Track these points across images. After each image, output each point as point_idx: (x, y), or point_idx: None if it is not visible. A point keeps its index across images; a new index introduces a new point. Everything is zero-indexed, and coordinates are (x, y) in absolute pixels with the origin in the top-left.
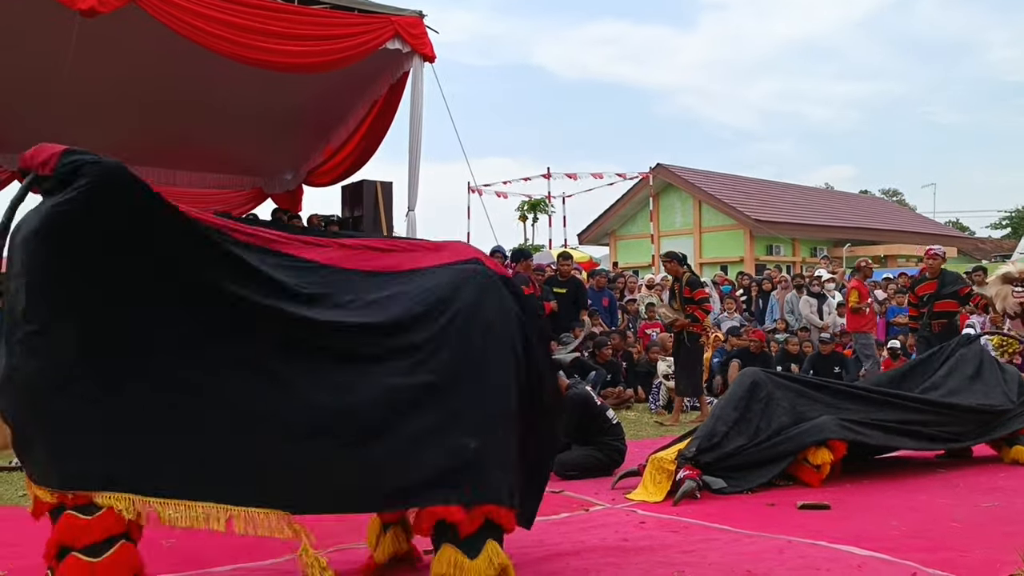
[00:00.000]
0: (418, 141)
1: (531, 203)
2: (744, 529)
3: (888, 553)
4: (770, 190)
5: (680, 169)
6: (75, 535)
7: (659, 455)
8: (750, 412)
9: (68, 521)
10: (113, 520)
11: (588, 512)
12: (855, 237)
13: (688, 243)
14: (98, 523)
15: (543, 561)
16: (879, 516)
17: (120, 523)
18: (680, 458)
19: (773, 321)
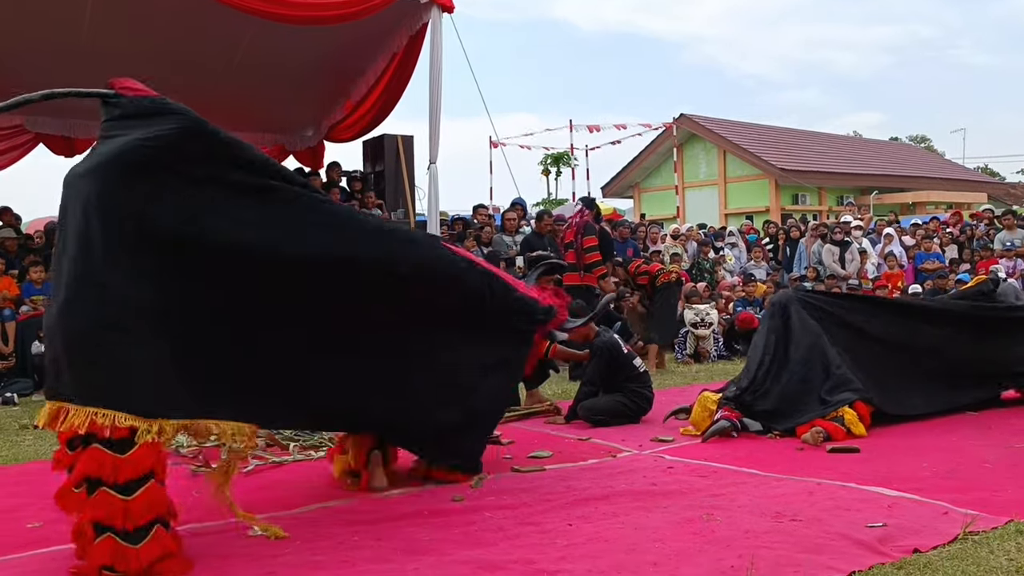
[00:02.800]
0: (438, 92)
1: (554, 156)
2: (773, 472)
3: (918, 493)
4: (796, 139)
5: (704, 119)
6: (107, 470)
7: (706, 394)
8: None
9: (98, 456)
10: (144, 458)
11: (616, 458)
12: (882, 184)
13: (713, 193)
14: (130, 461)
15: (572, 506)
16: (909, 458)
17: (149, 461)
18: (722, 399)
19: (803, 269)
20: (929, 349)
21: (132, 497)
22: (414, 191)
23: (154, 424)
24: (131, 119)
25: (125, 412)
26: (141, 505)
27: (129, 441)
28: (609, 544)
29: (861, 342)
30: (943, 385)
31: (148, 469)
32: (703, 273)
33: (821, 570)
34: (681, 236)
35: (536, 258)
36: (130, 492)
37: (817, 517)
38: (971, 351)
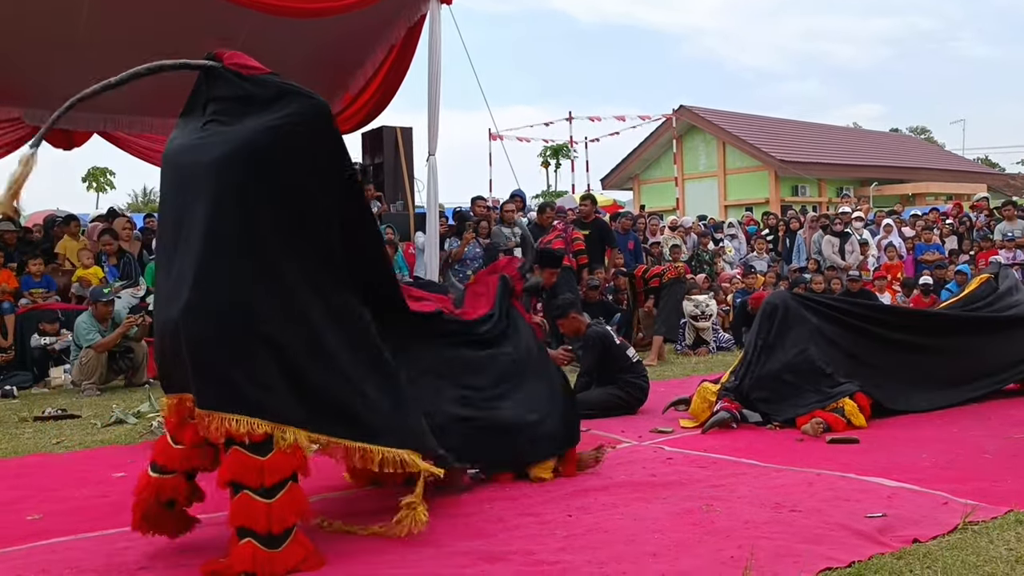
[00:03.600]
0: (437, 84)
1: (553, 148)
2: (773, 463)
3: (918, 484)
4: (795, 130)
5: (703, 110)
6: (249, 474)
7: (706, 384)
8: (771, 337)
9: (240, 459)
10: (284, 461)
11: (615, 449)
12: (882, 176)
13: (712, 185)
14: (271, 463)
15: (571, 497)
16: (908, 448)
17: (290, 464)
18: (721, 390)
19: (803, 260)
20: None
21: (274, 500)
22: (413, 183)
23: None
24: (253, 100)
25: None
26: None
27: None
28: (608, 535)
29: (858, 342)
30: (944, 385)
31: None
32: (703, 265)
33: (821, 560)
34: (680, 228)
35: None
36: (272, 496)
37: (817, 508)
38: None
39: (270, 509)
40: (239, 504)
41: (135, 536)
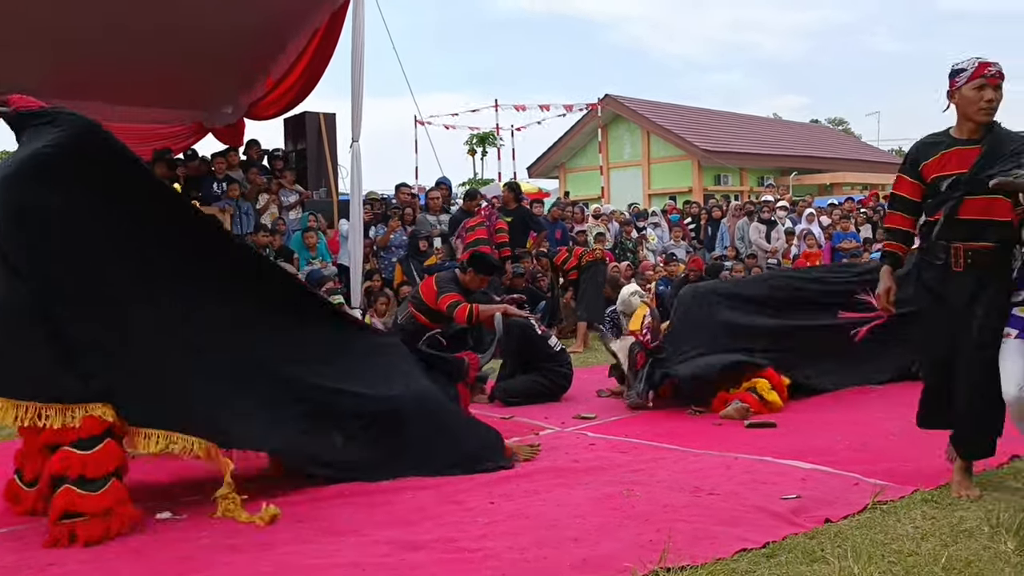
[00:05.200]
0: (360, 70)
1: (480, 136)
2: (692, 447)
3: (831, 466)
4: (718, 120)
5: (629, 100)
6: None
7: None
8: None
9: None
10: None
11: (538, 436)
12: (801, 166)
13: (637, 174)
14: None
15: (494, 484)
16: (823, 432)
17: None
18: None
19: (723, 248)
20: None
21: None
22: (337, 170)
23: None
24: (35, 132)
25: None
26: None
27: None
28: (530, 521)
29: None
30: (857, 360)
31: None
32: (626, 253)
33: (736, 542)
34: (603, 216)
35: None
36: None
37: (734, 491)
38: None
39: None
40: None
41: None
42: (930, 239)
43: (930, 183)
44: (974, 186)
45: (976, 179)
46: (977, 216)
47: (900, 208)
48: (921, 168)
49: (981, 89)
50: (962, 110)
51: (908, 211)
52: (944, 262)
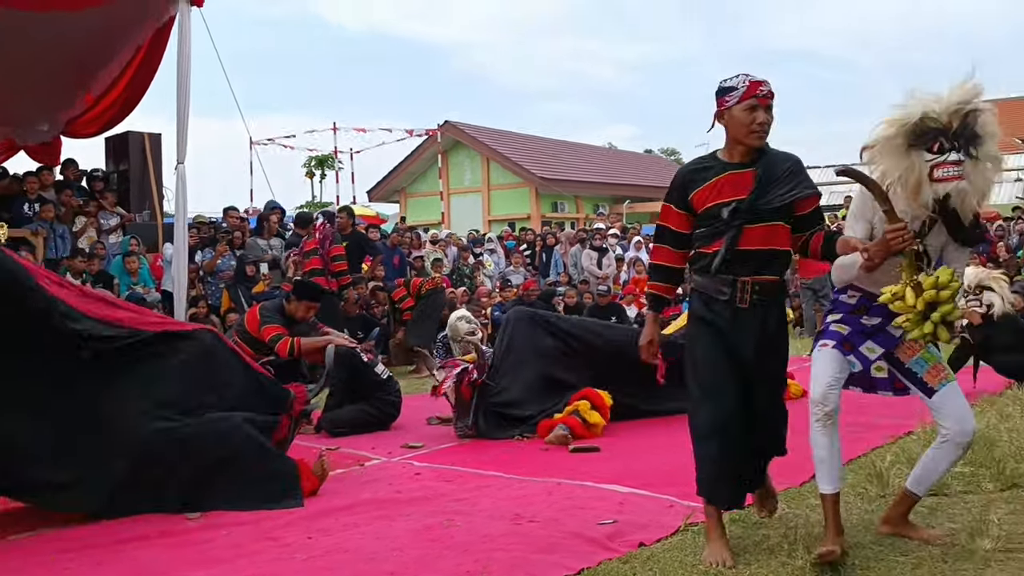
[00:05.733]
0: (186, 88)
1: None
2: (517, 474)
3: (648, 489)
4: (555, 149)
5: (468, 127)
6: None
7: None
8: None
9: None
10: None
11: (364, 467)
12: (634, 194)
13: (477, 200)
14: None
15: (313, 518)
16: (644, 455)
17: None
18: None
19: (557, 274)
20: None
21: None
22: (161, 192)
23: None
24: None
25: None
26: None
27: None
28: (348, 555)
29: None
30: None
31: None
32: (463, 278)
33: (553, 569)
34: (441, 241)
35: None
36: None
37: (554, 517)
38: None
39: None
40: None
41: None
42: (709, 272)
43: (703, 212)
44: (754, 214)
45: (756, 206)
46: (760, 246)
47: (669, 242)
48: (691, 197)
49: (753, 111)
50: (732, 132)
51: (678, 245)
52: (729, 297)
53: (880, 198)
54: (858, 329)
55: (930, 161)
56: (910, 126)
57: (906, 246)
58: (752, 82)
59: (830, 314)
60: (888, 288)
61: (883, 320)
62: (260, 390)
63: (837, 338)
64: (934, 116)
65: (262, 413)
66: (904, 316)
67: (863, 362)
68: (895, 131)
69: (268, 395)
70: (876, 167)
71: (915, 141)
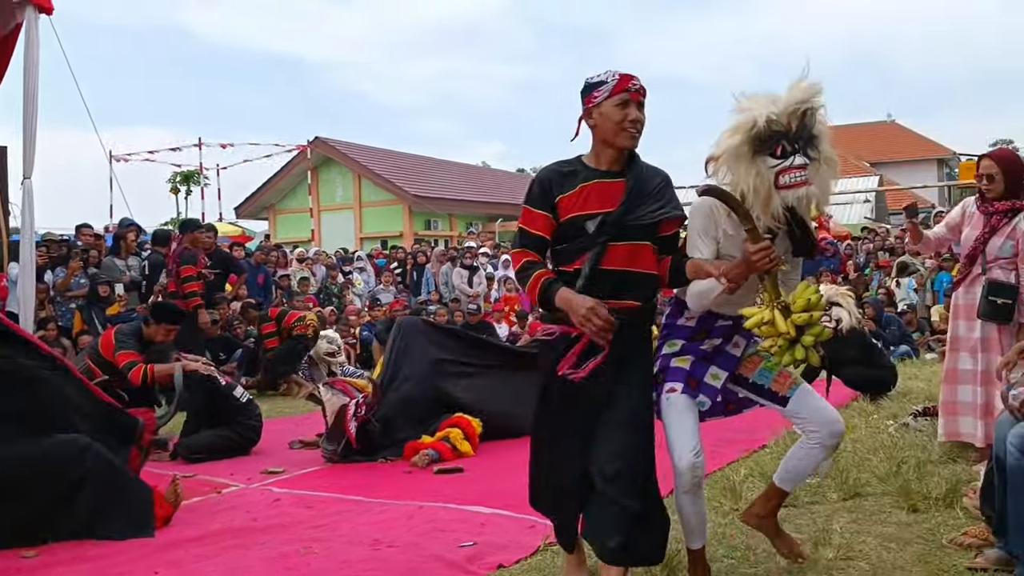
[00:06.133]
0: (34, 101)
1: (184, 175)
2: (379, 498)
3: (510, 509)
4: (429, 166)
5: (339, 143)
6: None
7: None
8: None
9: None
10: None
11: (221, 494)
12: (507, 212)
13: (349, 217)
14: None
15: (161, 551)
16: (509, 475)
17: None
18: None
19: (428, 293)
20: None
21: None
22: (7, 208)
23: None
24: None
25: None
26: None
27: None
28: None
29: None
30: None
31: None
32: (331, 298)
33: None
34: (308, 260)
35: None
36: None
37: (414, 542)
38: None
39: None
40: None
41: None
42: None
43: (565, 223)
44: (621, 230)
45: (624, 222)
46: (623, 267)
47: (533, 248)
48: (557, 201)
49: (624, 106)
50: (601, 133)
51: (543, 252)
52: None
53: (744, 217)
54: (699, 356)
55: (775, 167)
56: (755, 131)
57: (773, 267)
58: (623, 75)
59: (667, 342)
60: (752, 311)
61: (724, 341)
62: (109, 420)
63: (682, 378)
64: (775, 119)
65: (112, 446)
66: (771, 340)
67: (711, 395)
68: (740, 138)
69: (117, 426)
70: (724, 179)
71: (759, 147)
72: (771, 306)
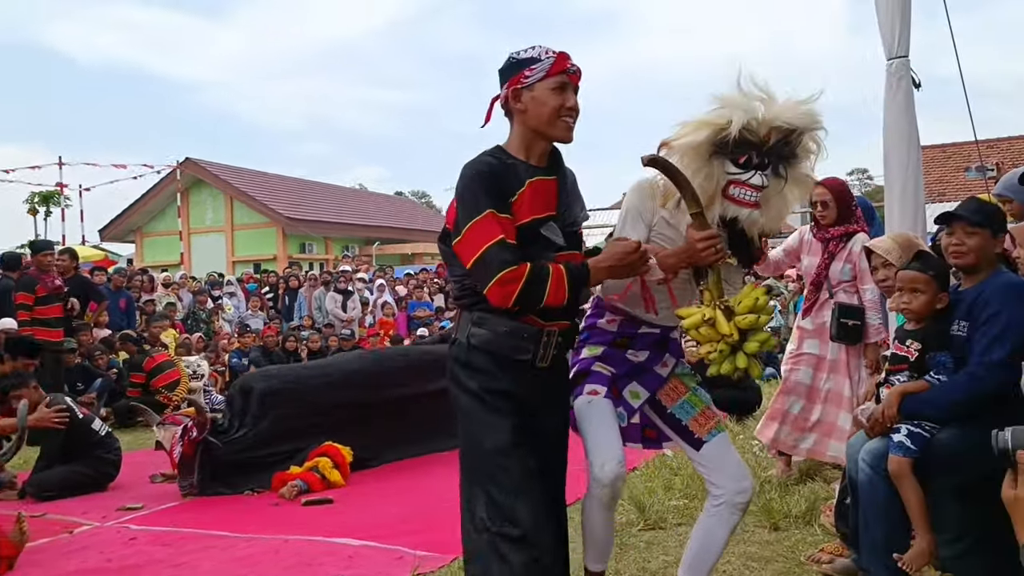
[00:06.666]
0: None
1: (43, 195)
2: (244, 532)
3: (380, 540)
4: (304, 189)
5: (211, 164)
6: None
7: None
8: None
9: None
10: None
11: (72, 534)
12: (385, 236)
13: (220, 240)
14: None
15: None
16: (379, 505)
17: None
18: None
19: (301, 318)
20: (399, 403)
21: None
22: None
23: None
24: None
25: None
26: None
27: None
28: None
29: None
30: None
31: None
32: (199, 323)
33: None
34: (174, 284)
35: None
36: None
37: None
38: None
39: None
40: None
41: None
42: (515, 320)
43: (522, 228)
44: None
45: (561, 227)
46: None
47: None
48: (511, 203)
49: (562, 91)
50: (532, 121)
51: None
52: (531, 356)
53: (691, 198)
54: (623, 368)
55: (732, 175)
56: (724, 136)
57: (717, 259)
58: (559, 53)
59: (586, 345)
60: (690, 311)
61: (651, 355)
62: None
63: (606, 383)
64: (753, 128)
65: None
66: (710, 346)
67: (628, 411)
68: (706, 136)
69: None
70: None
71: (722, 149)
72: (713, 305)
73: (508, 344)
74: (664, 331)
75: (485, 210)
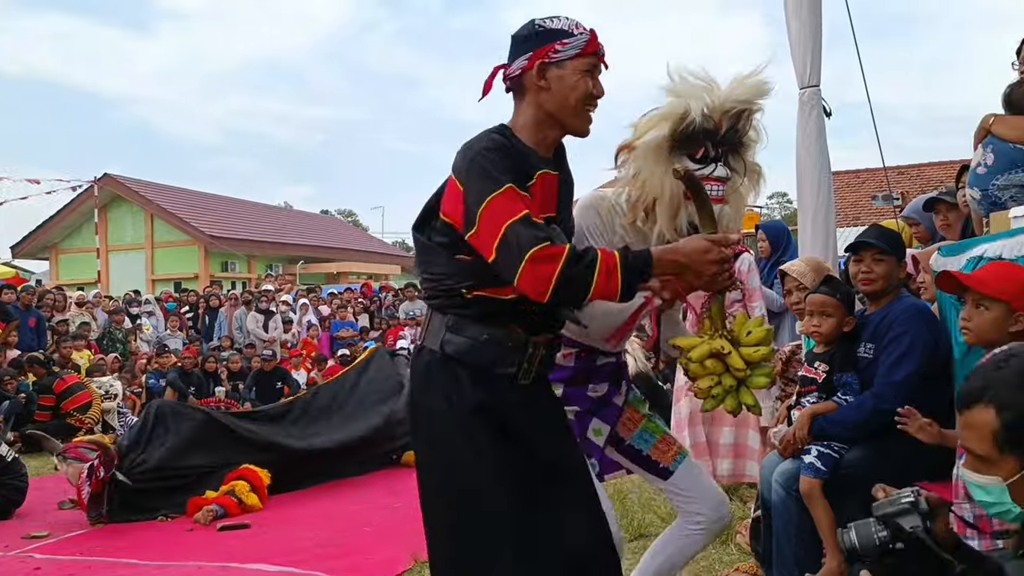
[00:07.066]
0: None
1: None
2: (155, 560)
3: (298, 566)
4: (227, 206)
5: (131, 180)
6: None
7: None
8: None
9: None
10: None
11: None
12: (310, 255)
13: (140, 258)
14: None
15: None
16: (297, 529)
17: None
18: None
19: (219, 338)
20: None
21: None
22: None
23: None
24: None
25: None
26: None
27: None
28: None
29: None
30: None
31: None
32: (115, 344)
33: None
34: (88, 303)
35: None
36: None
37: None
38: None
39: None
40: None
41: None
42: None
43: None
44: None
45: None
46: None
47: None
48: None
49: (591, 74)
50: (555, 103)
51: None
52: (516, 370)
53: (708, 219)
54: (585, 406)
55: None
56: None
57: (729, 285)
58: (593, 31)
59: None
60: (693, 341)
61: (610, 388)
62: None
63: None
64: (707, 114)
65: None
66: (712, 380)
67: (596, 454)
68: (668, 129)
69: None
70: (635, 176)
71: (681, 144)
72: (719, 334)
73: (489, 355)
74: (618, 358)
75: (504, 185)
